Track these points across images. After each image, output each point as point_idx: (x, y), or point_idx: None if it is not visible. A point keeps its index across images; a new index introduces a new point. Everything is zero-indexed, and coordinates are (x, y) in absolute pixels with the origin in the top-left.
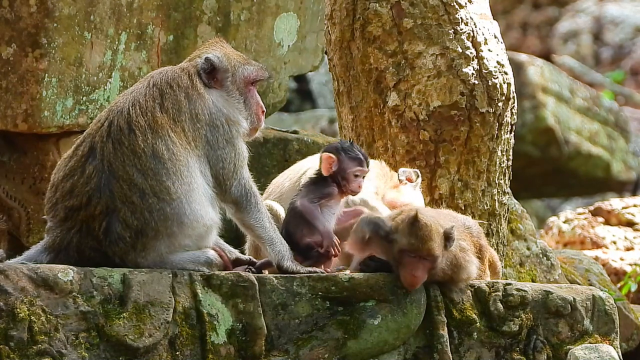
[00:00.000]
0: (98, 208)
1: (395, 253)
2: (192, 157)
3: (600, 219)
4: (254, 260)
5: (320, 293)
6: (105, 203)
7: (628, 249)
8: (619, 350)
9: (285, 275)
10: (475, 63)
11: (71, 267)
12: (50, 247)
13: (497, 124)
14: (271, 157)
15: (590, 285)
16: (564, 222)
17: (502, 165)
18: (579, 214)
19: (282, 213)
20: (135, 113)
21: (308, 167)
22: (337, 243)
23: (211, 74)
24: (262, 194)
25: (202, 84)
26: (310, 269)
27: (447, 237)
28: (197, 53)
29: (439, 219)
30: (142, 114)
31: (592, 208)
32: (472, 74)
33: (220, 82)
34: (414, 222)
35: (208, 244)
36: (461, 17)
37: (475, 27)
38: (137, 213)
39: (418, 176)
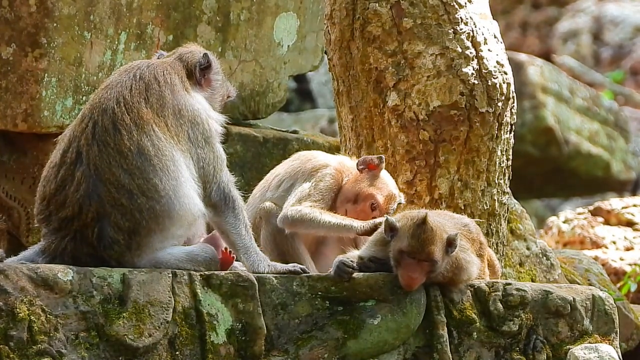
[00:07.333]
0: (89, 215)
1: (395, 253)
2: (176, 151)
3: (600, 219)
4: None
5: (320, 293)
6: (95, 209)
7: (628, 249)
8: (619, 350)
9: (285, 275)
10: (475, 63)
11: (71, 267)
12: (46, 251)
13: (497, 123)
14: (271, 157)
15: (590, 285)
16: (564, 222)
17: (502, 165)
18: (579, 213)
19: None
20: (120, 111)
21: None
22: None
23: (204, 71)
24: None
25: (191, 81)
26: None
27: (450, 243)
28: (184, 50)
29: (445, 224)
30: (128, 111)
31: (591, 208)
32: (472, 73)
33: (209, 82)
34: (421, 224)
35: (198, 230)
36: (461, 17)
37: (475, 27)
38: (127, 214)
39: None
